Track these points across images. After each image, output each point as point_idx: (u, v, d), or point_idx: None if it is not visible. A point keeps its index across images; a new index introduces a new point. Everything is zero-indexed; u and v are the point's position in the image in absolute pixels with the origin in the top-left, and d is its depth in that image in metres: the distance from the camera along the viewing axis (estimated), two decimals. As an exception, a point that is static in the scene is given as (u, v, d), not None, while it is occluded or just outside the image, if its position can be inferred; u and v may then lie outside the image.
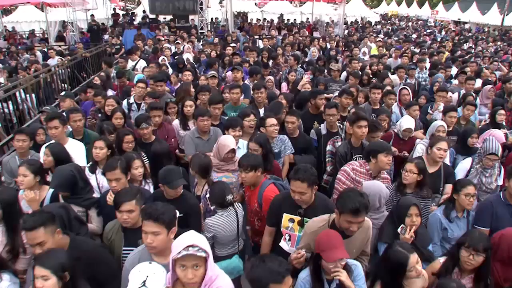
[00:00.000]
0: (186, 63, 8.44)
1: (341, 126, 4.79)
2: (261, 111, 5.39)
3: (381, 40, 13.24)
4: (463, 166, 4.25)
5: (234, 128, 4.25)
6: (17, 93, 8.20)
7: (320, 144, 4.80)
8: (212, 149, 4.13)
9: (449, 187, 3.74)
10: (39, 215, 2.48)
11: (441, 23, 31.78)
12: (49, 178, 3.55)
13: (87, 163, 4.06)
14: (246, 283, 2.19)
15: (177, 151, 5.07)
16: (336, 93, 6.09)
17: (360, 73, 7.45)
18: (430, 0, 43.00)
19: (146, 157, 4.23)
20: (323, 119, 4.94)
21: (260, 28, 19.61)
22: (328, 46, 12.46)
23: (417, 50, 11.95)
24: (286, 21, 23.02)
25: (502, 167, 4.20)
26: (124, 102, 5.88)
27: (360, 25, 24.04)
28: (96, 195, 3.57)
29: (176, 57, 9.48)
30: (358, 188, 3.20)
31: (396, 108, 5.97)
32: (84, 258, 2.41)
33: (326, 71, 8.26)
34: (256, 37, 15.76)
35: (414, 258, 2.45)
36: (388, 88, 6.36)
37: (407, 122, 4.73)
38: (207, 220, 3.25)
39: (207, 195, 3.38)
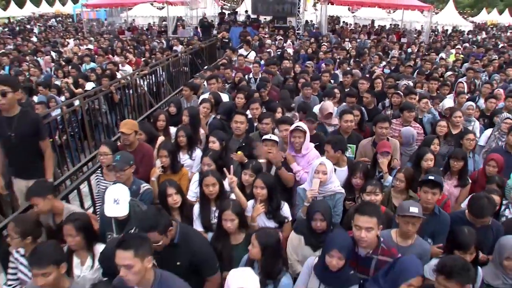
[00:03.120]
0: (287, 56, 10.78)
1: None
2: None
3: (460, 47, 14.46)
4: (485, 134, 5.92)
5: (329, 97, 6.36)
6: (157, 70, 11.12)
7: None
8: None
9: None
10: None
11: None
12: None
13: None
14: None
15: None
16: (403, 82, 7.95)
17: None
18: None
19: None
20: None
21: (351, 32, 21.23)
22: (409, 51, 14.14)
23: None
24: (376, 27, 24.46)
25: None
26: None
27: (450, 33, 24.56)
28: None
29: (278, 51, 11.92)
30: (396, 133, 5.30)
31: (452, 97, 7.62)
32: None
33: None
34: (347, 39, 17.58)
35: (429, 155, 4.36)
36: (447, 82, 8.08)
37: (448, 103, 6.48)
38: None
39: None
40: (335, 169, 4.08)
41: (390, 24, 25.58)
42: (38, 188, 3.32)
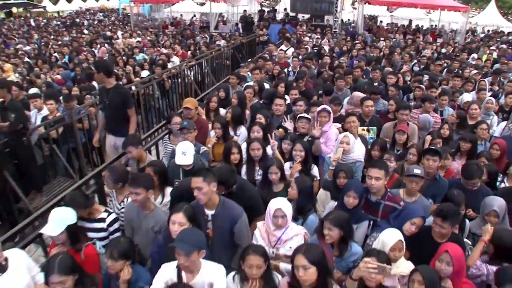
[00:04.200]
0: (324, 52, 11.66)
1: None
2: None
3: (495, 49, 14.82)
4: (500, 126, 6.55)
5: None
6: (202, 62, 12.20)
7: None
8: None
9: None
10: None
11: None
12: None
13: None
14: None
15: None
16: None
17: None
18: None
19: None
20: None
21: (387, 31, 21.67)
22: (443, 51, 14.65)
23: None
24: (414, 27, 24.69)
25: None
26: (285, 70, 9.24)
27: (489, 34, 24.50)
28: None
29: (315, 48, 12.79)
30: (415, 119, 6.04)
31: (474, 94, 8.24)
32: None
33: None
34: (382, 38, 18.15)
35: (437, 140, 5.16)
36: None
37: (466, 97, 7.17)
38: None
39: None
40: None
41: (431, 25, 25.76)
42: (133, 139, 4.43)
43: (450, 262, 2.89)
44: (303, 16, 23.32)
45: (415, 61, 11.68)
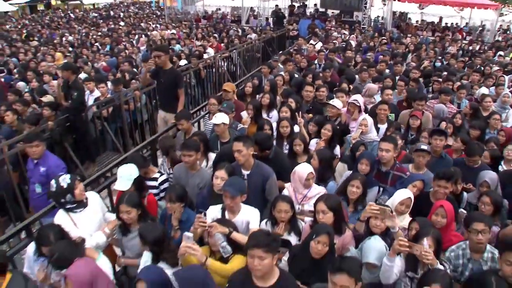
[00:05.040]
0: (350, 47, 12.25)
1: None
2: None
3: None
4: (512, 119, 7.09)
5: (378, 82, 7.78)
6: (235, 54, 12.97)
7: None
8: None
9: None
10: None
11: None
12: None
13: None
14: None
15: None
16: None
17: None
18: None
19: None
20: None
21: (415, 28, 21.84)
22: (471, 48, 14.97)
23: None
24: (445, 24, 24.69)
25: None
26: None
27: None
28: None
29: (343, 43, 13.40)
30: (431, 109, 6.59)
31: (493, 89, 8.68)
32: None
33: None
34: (409, 35, 18.44)
35: (449, 124, 5.74)
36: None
37: (483, 90, 7.67)
38: None
39: None
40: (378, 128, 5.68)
41: (466, 23, 25.65)
42: (186, 114, 5.28)
43: (445, 214, 3.54)
44: (332, 12, 23.71)
45: (439, 57, 12.11)
